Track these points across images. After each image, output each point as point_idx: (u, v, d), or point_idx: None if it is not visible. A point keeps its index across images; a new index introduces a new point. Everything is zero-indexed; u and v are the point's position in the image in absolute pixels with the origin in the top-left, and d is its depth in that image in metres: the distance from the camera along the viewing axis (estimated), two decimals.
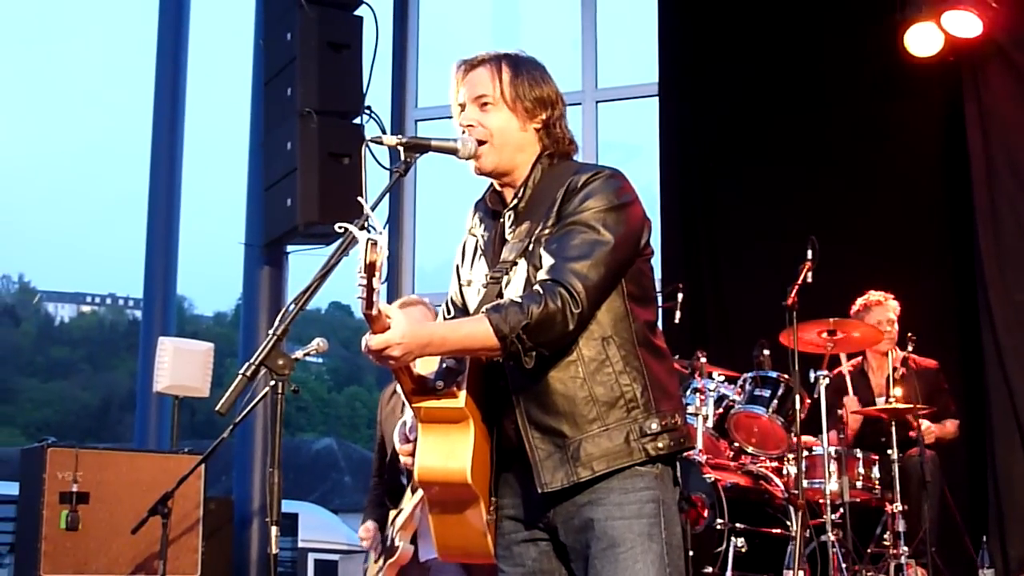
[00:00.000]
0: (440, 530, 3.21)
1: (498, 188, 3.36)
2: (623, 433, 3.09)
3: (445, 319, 3.44)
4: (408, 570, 5.29)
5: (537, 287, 3.03)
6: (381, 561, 5.37)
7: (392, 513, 5.42)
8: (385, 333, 2.86)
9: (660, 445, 3.11)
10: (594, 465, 3.07)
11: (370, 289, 2.72)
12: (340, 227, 2.80)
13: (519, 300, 3.00)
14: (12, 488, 7.22)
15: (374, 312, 2.78)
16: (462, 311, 3.40)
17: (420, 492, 5.05)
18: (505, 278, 3.20)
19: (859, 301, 7.41)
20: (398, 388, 5.40)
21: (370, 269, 2.69)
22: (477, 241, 3.39)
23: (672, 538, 3.13)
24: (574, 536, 3.15)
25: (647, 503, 3.10)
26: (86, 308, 74.69)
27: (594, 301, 3.07)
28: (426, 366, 3.11)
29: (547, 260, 3.08)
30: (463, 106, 3.30)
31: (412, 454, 3.21)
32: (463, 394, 3.07)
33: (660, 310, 7.44)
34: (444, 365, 3.11)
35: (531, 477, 3.13)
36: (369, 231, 2.72)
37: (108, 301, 75.36)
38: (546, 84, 3.32)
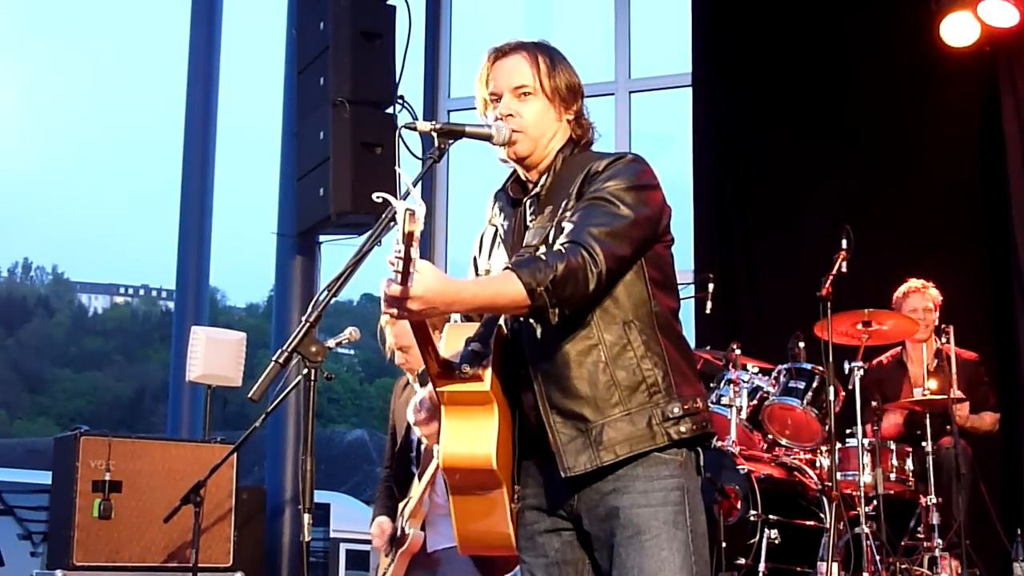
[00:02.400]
0: (461, 520, 3.15)
1: (522, 177, 3.34)
2: (645, 417, 3.08)
3: None
4: (418, 560, 5.26)
5: (558, 247, 3.02)
6: (393, 552, 5.36)
7: (401, 504, 5.41)
8: (405, 284, 2.72)
9: (683, 429, 3.10)
10: (617, 449, 3.06)
11: (407, 260, 2.64)
12: (378, 197, 2.75)
13: (543, 256, 2.98)
14: (45, 477, 7.25)
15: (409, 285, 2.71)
16: None
17: (426, 478, 5.06)
18: None
19: (901, 288, 7.35)
20: (409, 379, 5.44)
21: (408, 239, 2.61)
22: (496, 230, 3.37)
23: (697, 526, 3.12)
24: (599, 525, 3.13)
25: (672, 491, 3.09)
26: (119, 299, 75.35)
27: (612, 268, 3.03)
28: (451, 349, 3.09)
29: (567, 228, 3.07)
30: (495, 95, 3.27)
31: (426, 423, 3.18)
32: (488, 377, 3.04)
33: (692, 300, 7.45)
34: (470, 348, 3.08)
35: (553, 465, 3.11)
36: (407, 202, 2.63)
37: (141, 292, 76.04)
38: (575, 74, 3.32)
